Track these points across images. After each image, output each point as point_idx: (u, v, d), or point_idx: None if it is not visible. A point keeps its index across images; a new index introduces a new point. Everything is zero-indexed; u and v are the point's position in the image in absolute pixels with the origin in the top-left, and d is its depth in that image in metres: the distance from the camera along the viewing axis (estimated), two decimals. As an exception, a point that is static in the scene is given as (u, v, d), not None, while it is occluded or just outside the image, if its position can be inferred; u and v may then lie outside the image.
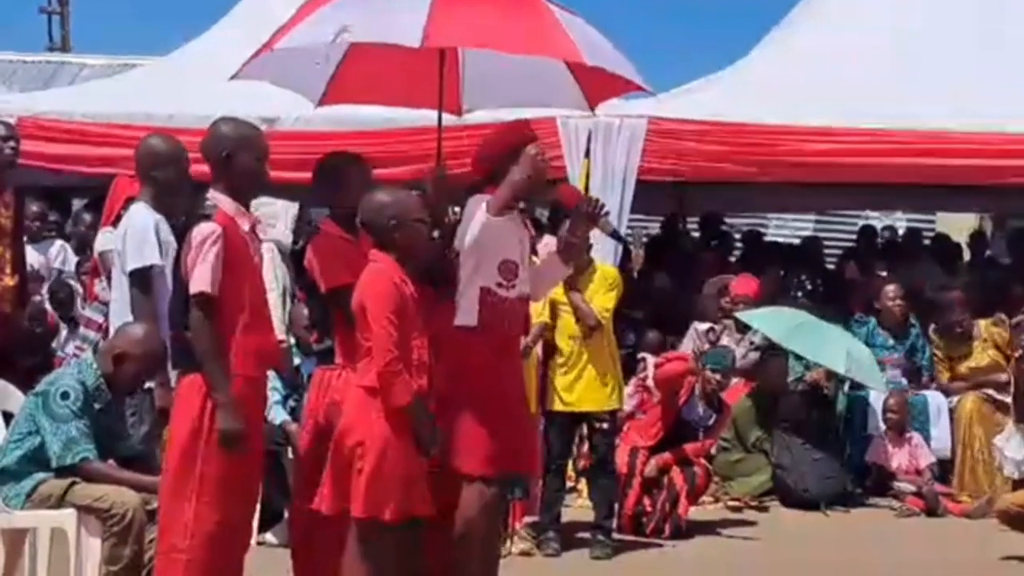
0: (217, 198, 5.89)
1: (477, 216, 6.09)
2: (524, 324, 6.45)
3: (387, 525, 5.74)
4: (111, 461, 6.43)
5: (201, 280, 5.70)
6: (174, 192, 7.12)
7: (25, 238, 9.38)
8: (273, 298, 7.99)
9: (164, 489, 5.88)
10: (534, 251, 6.49)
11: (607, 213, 6.59)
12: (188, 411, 5.82)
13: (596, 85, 6.75)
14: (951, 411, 11.15)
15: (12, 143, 8.80)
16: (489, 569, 6.29)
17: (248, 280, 5.89)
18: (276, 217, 9.69)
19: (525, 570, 8.17)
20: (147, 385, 6.74)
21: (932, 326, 11.63)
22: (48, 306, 10.44)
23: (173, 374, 6.58)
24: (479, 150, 6.41)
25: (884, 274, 13.28)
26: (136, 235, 6.84)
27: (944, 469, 11.09)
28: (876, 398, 11.14)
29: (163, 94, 12.17)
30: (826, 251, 16.03)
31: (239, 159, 5.89)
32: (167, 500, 5.85)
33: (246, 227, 5.95)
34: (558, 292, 8.71)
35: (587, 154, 11.15)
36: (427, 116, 7.61)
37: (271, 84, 6.91)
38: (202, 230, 5.76)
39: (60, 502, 6.19)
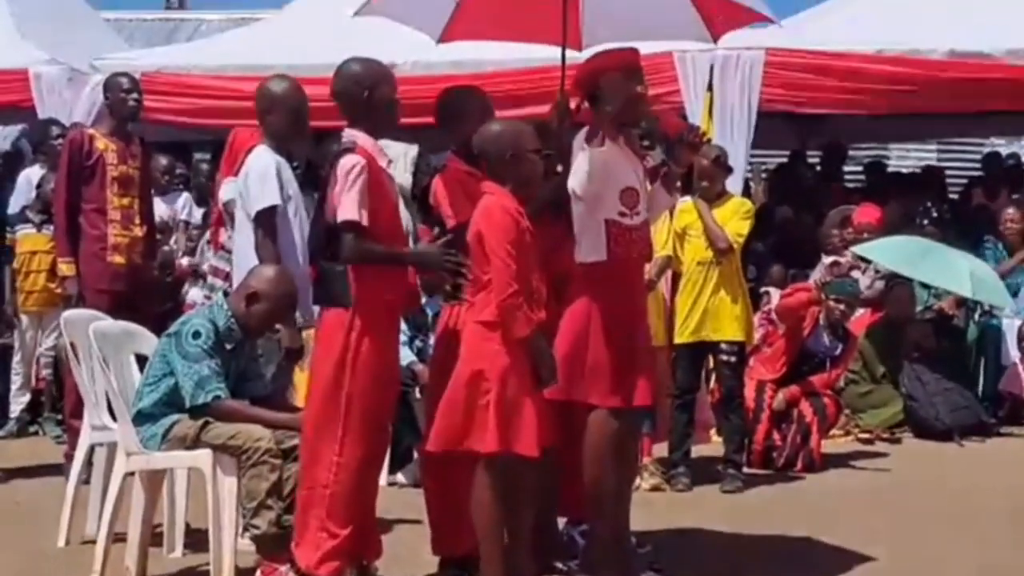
0: (355, 135, 5.92)
1: (580, 153, 5.98)
2: (648, 250, 6.38)
3: (519, 458, 5.68)
4: (245, 401, 6.49)
5: (350, 209, 5.73)
6: (289, 134, 7.03)
7: (152, 191, 9.48)
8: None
9: (308, 425, 5.92)
10: (654, 178, 6.39)
11: (708, 141, 6.51)
12: (331, 347, 5.85)
13: (718, 17, 6.67)
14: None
15: (135, 95, 8.85)
16: (622, 503, 6.24)
17: (387, 212, 5.92)
18: (396, 159, 9.71)
19: (657, 505, 8.12)
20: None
21: None
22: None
23: (303, 314, 6.67)
24: (577, 73, 6.25)
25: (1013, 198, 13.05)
26: (258, 177, 6.83)
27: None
28: (1009, 326, 10.96)
29: (281, 46, 12.24)
30: (949, 180, 15.79)
31: (379, 93, 5.95)
32: (312, 436, 5.88)
33: (384, 163, 5.99)
34: (690, 216, 8.68)
35: (709, 87, 11.05)
36: (544, 55, 7.59)
37: (393, 21, 6.92)
38: (345, 163, 5.78)
39: (195, 442, 6.25)
